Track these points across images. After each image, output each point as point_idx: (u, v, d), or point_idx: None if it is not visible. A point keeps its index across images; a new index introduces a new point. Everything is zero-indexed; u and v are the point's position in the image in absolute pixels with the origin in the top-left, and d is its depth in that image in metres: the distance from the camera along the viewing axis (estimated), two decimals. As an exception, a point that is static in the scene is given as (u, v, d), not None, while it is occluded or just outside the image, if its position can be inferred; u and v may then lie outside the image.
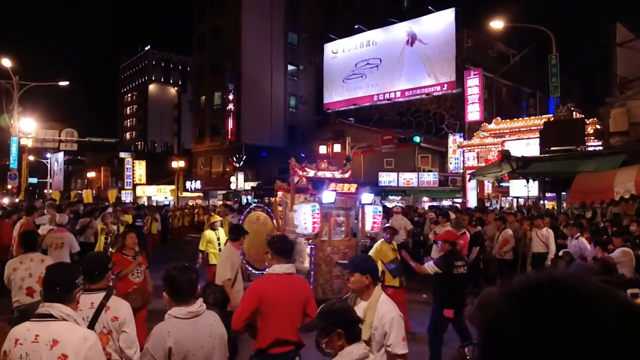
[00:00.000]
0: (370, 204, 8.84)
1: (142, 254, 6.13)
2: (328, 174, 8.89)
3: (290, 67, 43.28)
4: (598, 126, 16.63)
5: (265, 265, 8.20)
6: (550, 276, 0.71)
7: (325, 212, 8.02)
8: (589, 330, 0.61)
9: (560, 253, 7.66)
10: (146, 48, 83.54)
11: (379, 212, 8.79)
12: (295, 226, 8.00)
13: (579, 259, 7.71)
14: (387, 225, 7.99)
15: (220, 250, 8.17)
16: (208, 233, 9.11)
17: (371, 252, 7.23)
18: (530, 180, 16.50)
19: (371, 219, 8.48)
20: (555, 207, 17.22)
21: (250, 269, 8.37)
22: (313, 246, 7.85)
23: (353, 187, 8.58)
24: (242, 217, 9.38)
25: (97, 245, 9.98)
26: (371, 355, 2.44)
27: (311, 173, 8.71)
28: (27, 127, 24.79)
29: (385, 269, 6.91)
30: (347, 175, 9.16)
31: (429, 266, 6.16)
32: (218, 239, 8.91)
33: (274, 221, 8.99)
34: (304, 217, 7.66)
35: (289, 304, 3.58)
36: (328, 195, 7.96)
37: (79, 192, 47.98)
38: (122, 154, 48.57)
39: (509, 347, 0.65)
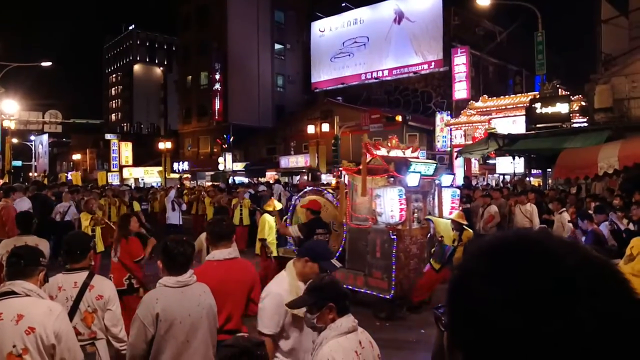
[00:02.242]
0: (449, 186, 8.00)
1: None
2: (400, 153, 7.86)
3: (277, 46, 42.67)
4: (583, 103, 16.75)
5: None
6: (516, 233, 0.73)
7: (407, 197, 7.01)
8: (553, 280, 0.62)
9: (536, 229, 7.84)
10: (130, 28, 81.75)
11: (458, 195, 7.99)
12: (377, 214, 6.90)
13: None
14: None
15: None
16: (269, 218, 7.88)
17: (440, 222, 7.12)
18: (516, 157, 16.69)
19: (449, 203, 7.67)
20: (541, 184, 17.44)
21: None
22: (395, 237, 6.78)
23: (432, 168, 7.54)
24: (293, 201, 8.40)
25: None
26: (359, 328, 2.48)
27: (383, 152, 7.62)
28: (9, 109, 24.35)
29: (441, 249, 6.79)
30: (416, 154, 8.25)
31: (293, 229, 6.61)
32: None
33: (339, 206, 7.75)
34: (391, 204, 6.65)
35: (233, 291, 3.36)
36: (412, 178, 6.91)
37: (66, 174, 47.52)
38: (107, 136, 47.85)
39: (477, 303, 0.65)
